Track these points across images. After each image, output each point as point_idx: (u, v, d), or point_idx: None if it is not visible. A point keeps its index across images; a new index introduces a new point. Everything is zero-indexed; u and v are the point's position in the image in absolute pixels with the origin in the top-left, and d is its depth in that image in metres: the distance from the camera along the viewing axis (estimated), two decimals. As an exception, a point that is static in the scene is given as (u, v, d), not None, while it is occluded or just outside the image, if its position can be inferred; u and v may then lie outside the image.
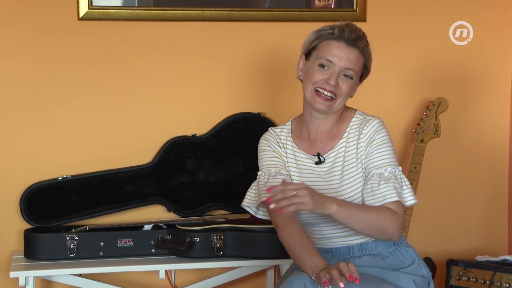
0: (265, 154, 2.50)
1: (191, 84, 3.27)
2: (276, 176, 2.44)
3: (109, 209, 3.20)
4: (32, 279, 2.91)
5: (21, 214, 3.11)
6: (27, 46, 3.13)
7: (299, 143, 2.48)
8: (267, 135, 2.54)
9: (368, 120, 2.42)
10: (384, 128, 2.41)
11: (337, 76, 2.36)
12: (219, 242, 3.01)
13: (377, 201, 2.34)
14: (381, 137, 2.39)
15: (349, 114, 2.47)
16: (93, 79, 3.19)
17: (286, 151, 2.49)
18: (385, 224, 2.33)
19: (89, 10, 3.13)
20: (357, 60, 2.37)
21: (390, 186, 2.34)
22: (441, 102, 3.29)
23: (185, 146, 3.24)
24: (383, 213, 2.33)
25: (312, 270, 2.20)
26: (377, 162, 2.38)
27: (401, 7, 3.39)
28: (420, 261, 2.44)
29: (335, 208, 2.26)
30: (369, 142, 2.39)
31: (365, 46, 2.39)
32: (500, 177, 3.54)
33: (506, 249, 3.55)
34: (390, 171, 2.36)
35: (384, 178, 2.36)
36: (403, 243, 2.46)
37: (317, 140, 2.46)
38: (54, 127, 3.18)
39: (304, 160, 2.46)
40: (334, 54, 2.36)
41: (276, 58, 3.30)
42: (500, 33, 3.47)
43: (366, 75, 2.45)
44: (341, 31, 2.36)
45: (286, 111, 3.32)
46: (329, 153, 2.43)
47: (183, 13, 3.21)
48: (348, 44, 2.36)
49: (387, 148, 2.39)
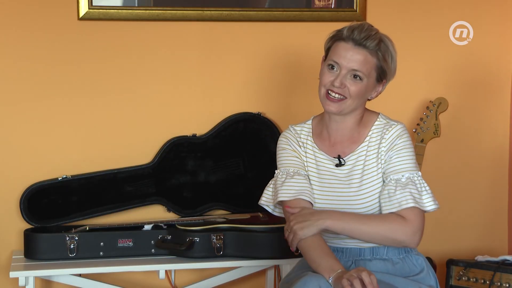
0: (284, 152, 2.48)
1: (191, 84, 3.27)
2: (294, 176, 2.43)
3: (109, 209, 3.20)
4: (32, 279, 2.91)
5: (21, 214, 3.11)
6: (27, 46, 3.13)
7: (319, 144, 2.46)
8: (287, 133, 2.51)
9: (391, 125, 2.40)
10: (406, 133, 2.39)
11: (343, 77, 2.34)
12: (219, 242, 3.01)
13: (393, 207, 2.33)
14: (402, 142, 2.37)
15: (372, 118, 2.44)
16: (93, 79, 3.19)
17: (306, 151, 2.47)
18: (392, 233, 2.31)
19: (89, 10, 3.13)
20: (365, 61, 2.33)
21: (407, 192, 2.32)
22: (441, 102, 3.29)
23: (185, 146, 3.24)
24: (389, 222, 2.31)
25: (328, 272, 2.21)
26: (395, 167, 2.36)
27: (401, 7, 3.39)
28: (429, 270, 2.43)
29: (329, 223, 2.28)
30: (390, 147, 2.37)
31: (377, 46, 2.33)
32: (500, 177, 3.54)
33: (506, 249, 3.55)
34: (408, 177, 2.35)
35: (401, 184, 2.34)
36: (414, 251, 2.46)
37: (337, 143, 2.44)
38: (54, 126, 3.18)
39: (324, 162, 2.44)
40: (340, 55, 2.34)
41: (276, 58, 3.30)
42: (500, 33, 3.47)
43: (384, 76, 2.39)
44: (351, 31, 2.33)
45: (286, 111, 3.32)
46: (350, 156, 2.41)
47: (183, 13, 3.21)
48: (356, 45, 2.32)
49: (406, 153, 2.37)
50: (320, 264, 2.25)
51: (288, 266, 3.01)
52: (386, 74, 2.40)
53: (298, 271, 2.44)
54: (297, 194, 2.40)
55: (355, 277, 2.12)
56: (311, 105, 3.23)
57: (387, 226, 2.31)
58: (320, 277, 2.22)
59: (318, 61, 2.45)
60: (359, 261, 2.39)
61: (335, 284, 2.18)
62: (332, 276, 2.20)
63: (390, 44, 2.39)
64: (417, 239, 2.33)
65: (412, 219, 2.31)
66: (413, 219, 2.31)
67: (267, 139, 3.26)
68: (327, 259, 2.25)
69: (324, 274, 2.22)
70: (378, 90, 2.43)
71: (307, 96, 3.29)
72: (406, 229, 2.31)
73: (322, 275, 2.22)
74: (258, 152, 3.27)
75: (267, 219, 3.12)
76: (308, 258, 2.30)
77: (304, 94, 3.32)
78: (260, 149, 3.27)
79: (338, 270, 2.21)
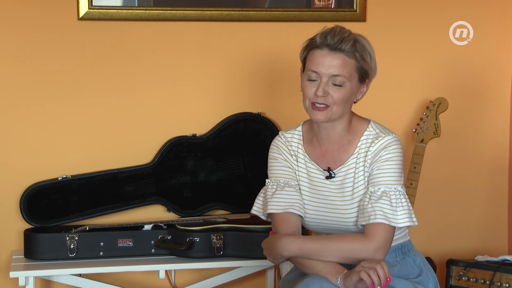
0: (275, 162, 2.46)
1: (191, 84, 3.27)
2: (284, 188, 2.41)
3: (109, 209, 3.21)
4: (32, 279, 2.91)
5: (21, 214, 3.11)
6: (27, 46, 3.13)
7: (310, 152, 2.43)
8: (278, 141, 2.48)
9: (379, 136, 2.35)
10: (395, 145, 2.33)
11: (325, 85, 2.30)
12: (219, 242, 3.01)
13: (364, 220, 2.30)
14: (386, 154, 2.32)
15: (361, 126, 2.40)
16: (93, 79, 3.19)
17: (297, 159, 2.44)
18: (353, 253, 2.27)
19: (89, 10, 3.13)
20: (343, 64, 2.28)
21: (378, 206, 2.28)
22: (441, 102, 3.29)
23: (185, 146, 3.24)
24: (349, 242, 2.29)
25: (334, 274, 2.23)
26: (373, 179, 2.33)
27: (401, 7, 3.38)
28: (427, 271, 2.43)
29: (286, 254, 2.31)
30: (375, 159, 2.33)
31: (353, 47, 2.29)
32: (500, 177, 3.54)
33: (506, 249, 3.54)
34: (383, 191, 2.30)
35: (375, 197, 2.30)
36: (411, 251, 2.45)
37: (328, 151, 2.41)
38: (54, 127, 3.18)
39: (315, 172, 2.42)
40: (318, 63, 2.29)
41: (276, 58, 3.30)
42: (500, 33, 3.47)
43: (366, 76, 2.35)
44: (323, 37, 2.30)
45: (286, 111, 3.32)
46: (340, 168, 2.39)
47: (183, 13, 3.21)
48: (331, 50, 2.28)
49: (389, 166, 2.32)
50: (322, 269, 2.26)
51: (288, 266, 3.01)
52: (367, 74, 2.35)
53: (297, 271, 2.44)
54: (287, 207, 2.38)
55: (371, 268, 2.15)
56: (311, 105, 3.23)
57: (347, 246, 2.28)
58: (323, 279, 2.22)
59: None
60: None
61: (345, 282, 2.19)
62: (340, 277, 2.21)
63: (366, 43, 2.34)
64: (380, 255, 2.27)
65: (375, 235, 2.27)
66: (376, 236, 2.27)
67: (267, 139, 3.26)
68: (328, 264, 2.27)
69: (329, 276, 2.23)
70: (362, 91, 2.38)
71: (307, 96, 3.28)
72: (366, 248, 2.26)
73: (327, 278, 2.23)
74: (258, 152, 3.27)
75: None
76: (306, 267, 2.30)
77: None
78: (260, 149, 3.27)
79: (343, 271, 2.23)
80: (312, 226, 2.44)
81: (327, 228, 2.41)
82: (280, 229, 2.37)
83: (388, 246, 2.29)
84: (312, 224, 2.43)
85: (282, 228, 2.37)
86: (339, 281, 2.21)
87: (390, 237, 2.30)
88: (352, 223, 2.37)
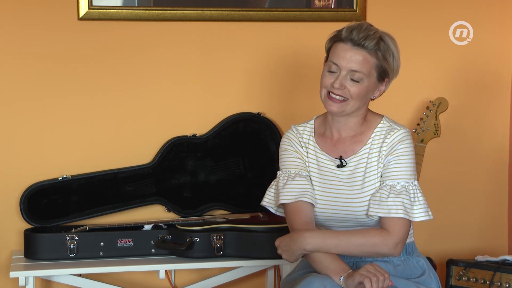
0: (286, 154, 2.48)
1: (191, 84, 3.27)
2: (295, 178, 2.42)
3: (109, 209, 3.21)
4: (32, 279, 2.91)
5: (21, 214, 3.11)
6: (27, 46, 3.13)
7: (321, 143, 2.45)
8: (289, 133, 2.50)
9: (393, 129, 2.38)
10: (409, 139, 2.37)
11: (343, 78, 2.33)
12: (219, 242, 3.01)
13: (382, 211, 2.32)
14: (402, 148, 2.35)
15: (375, 120, 2.43)
16: (93, 79, 3.19)
17: (307, 151, 2.46)
18: (375, 247, 2.30)
19: (89, 10, 3.13)
20: (364, 61, 2.32)
21: (399, 200, 2.31)
22: (441, 102, 3.29)
23: (185, 146, 3.24)
24: (371, 237, 2.31)
25: (338, 273, 2.24)
26: (392, 173, 2.34)
27: (401, 7, 3.39)
28: (430, 272, 2.44)
29: (309, 247, 2.30)
30: (390, 152, 2.35)
31: (376, 45, 2.32)
32: (500, 177, 3.54)
33: (506, 249, 3.55)
34: (403, 185, 2.33)
35: (395, 191, 2.33)
36: (415, 252, 2.46)
37: (340, 142, 2.43)
38: (54, 127, 3.18)
39: (326, 162, 2.43)
40: (339, 56, 2.33)
41: (276, 58, 3.30)
42: (500, 33, 3.47)
43: (386, 75, 2.38)
44: (349, 31, 2.32)
45: (286, 111, 3.32)
46: (352, 157, 2.40)
47: (183, 13, 3.21)
48: (354, 45, 2.31)
49: (406, 160, 2.35)
50: (328, 265, 2.27)
51: (288, 266, 3.01)
52: (387, 73, 2.38)
53: (300, 271, 2.44)
54: (299, 196, 2.40)
55: (374, 274, 2.16)
56: (311, 105, 3.23)
57: (368, 240, 2.30)
58: (325, 278, 2.23)
59: (318, 61, 2.46)
60: (360, 263, 2.38)
61: (347, 282, 2.20)
62: (343, 276, 2.22)
63: (391, 43, 2.37)
64: (399, 250, 2.32)
65: (396, 230, 2.30)
66: (397, 231, 2.30)
67: (267, 139, 3.26)
68: (331, 261, 2.28)
69: (332, 274, 2.24)
70: (381, 89, 2.41)
71: (307, 96, 3.29)
72: (388, 242, 2.30)
73: (330, 276, 2.24)
74: (258, 152, 3.27)
75: (267, 219, 3.12)
76: (314, 260, 2.31)
77: (304, 94, 3.32)
78: (260, 149, 3.27)
79: (348, 270, 2.24)
80: (322, 218, 2.43)
81: (336, 219, 2.41)
82: (293, 220, 2.38)
83: (405, 241, 2.35)
84: (321, 215, 2.43)
85: (296, 218, 2.38)
86: (342, 279, 2.22)
87: (408, 232, 2.35)
88: (362, 213, 2.37)
